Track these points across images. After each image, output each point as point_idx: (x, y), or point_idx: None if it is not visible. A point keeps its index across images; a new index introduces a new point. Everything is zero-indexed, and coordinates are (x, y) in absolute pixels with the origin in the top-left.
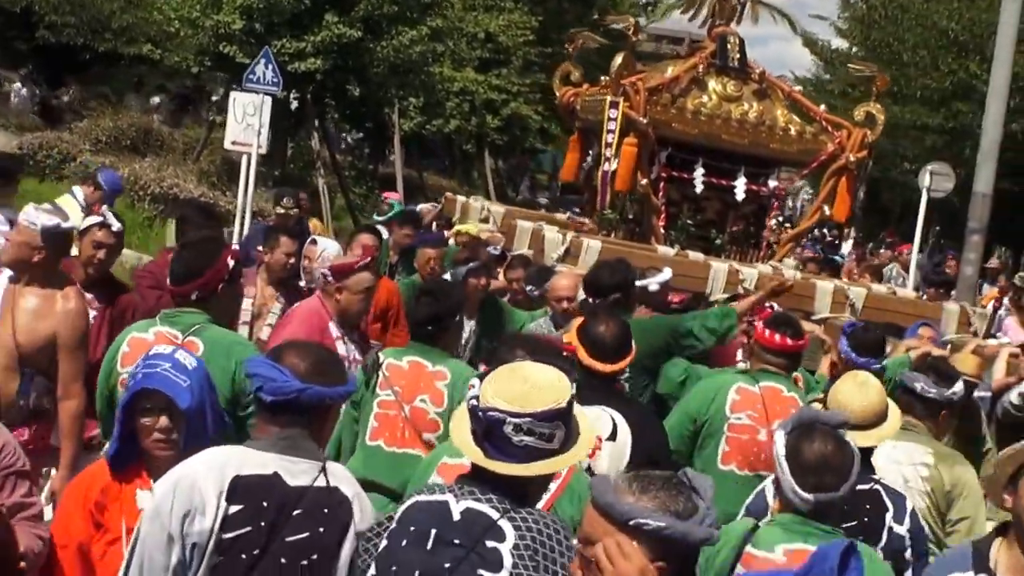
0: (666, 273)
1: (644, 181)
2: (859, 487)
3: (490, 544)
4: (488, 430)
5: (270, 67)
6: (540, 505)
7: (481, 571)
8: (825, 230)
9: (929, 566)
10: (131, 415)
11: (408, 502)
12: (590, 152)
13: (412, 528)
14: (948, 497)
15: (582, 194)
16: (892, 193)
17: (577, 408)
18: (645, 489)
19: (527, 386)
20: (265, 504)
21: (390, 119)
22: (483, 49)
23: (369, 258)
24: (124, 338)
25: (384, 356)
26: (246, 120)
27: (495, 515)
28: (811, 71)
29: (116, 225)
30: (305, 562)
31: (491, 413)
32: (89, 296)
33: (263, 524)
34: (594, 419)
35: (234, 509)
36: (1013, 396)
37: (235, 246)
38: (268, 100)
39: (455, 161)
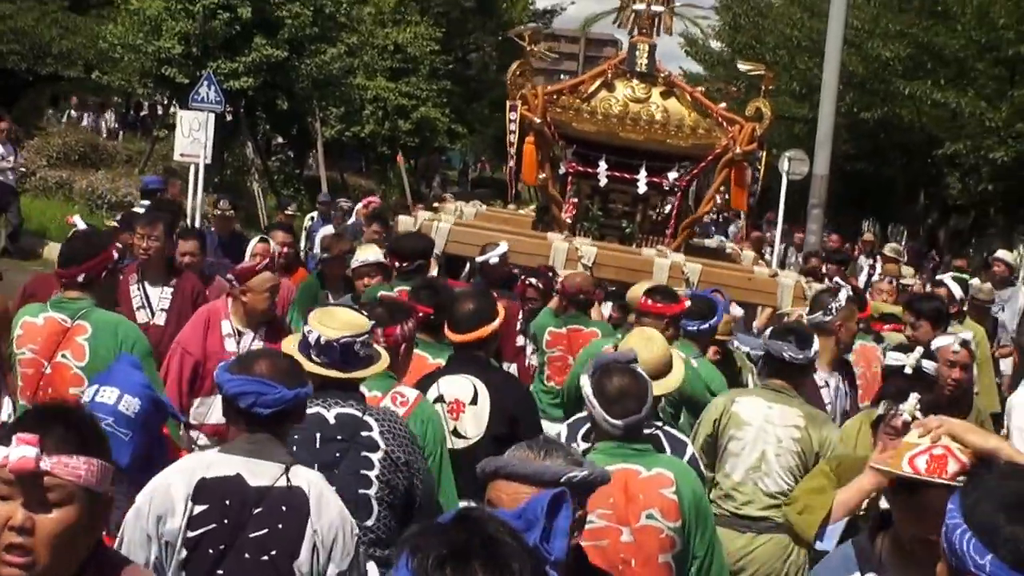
0: (502, 246)
1: (543, 175)
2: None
3: (364, 434)
4: (344, 352)
5: (212, 88)
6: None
7: (365, 453)
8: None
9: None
10: None
11: None
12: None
13: (297, 436)
14: (816, 457)
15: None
16: (770, 177)
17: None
18: (548, 453)
19: (350, 318)
20: (227, 503)
21: (313, 127)
22: (393, 59)
23: (267, 260)
24: (18, 321)
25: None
26: (192, 135)
27: (360, 413)
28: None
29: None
30: (266, 557)
31: (343, 340)
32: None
33: (226, 521)
34: (455, 385)
35: (199, 509)
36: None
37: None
38: (211, 117)
39: (369, 162)
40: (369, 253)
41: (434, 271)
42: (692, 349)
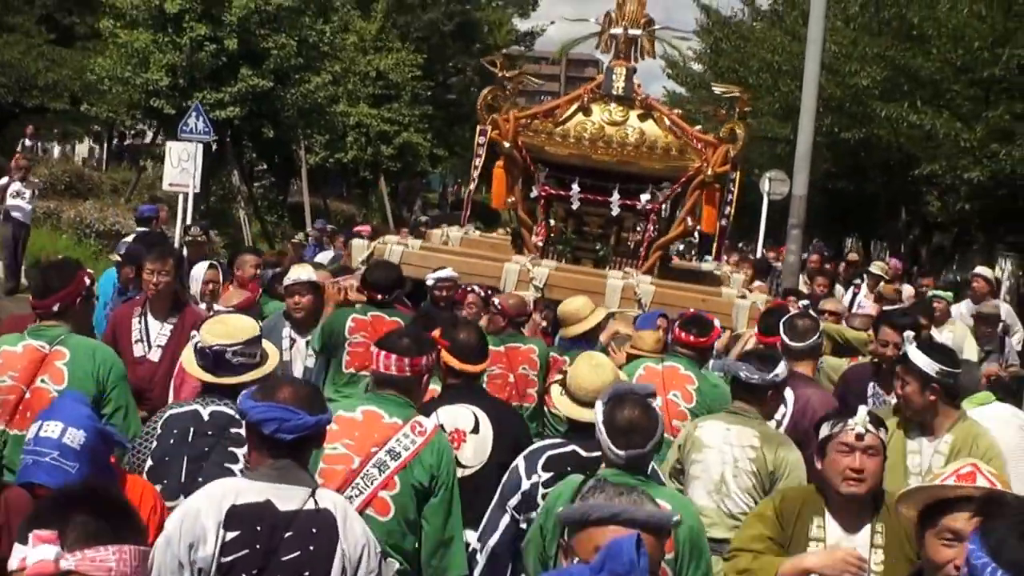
0: (446, 271)
1: (512, 199)
2: (599, 453)
3: (234, 430)
4: (216, 359)
5: (201, 119)
6: (408, 453)
7: (232, 449)
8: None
9: None
10: None
11: (167, 413)
12: (518, 177)
13: (175, 430)
14: (772, 477)
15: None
16: (754, 196)
17: (265, 341)
18: (629, 495)
19: (230, 327)
20: (259, 529)
21: (297, 154)
22: (375, 86)
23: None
24: None
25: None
26: (181, 164)
27: (232, 412)
28: (671, 91)
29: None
30: None
31: (215, 347)
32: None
33: (258, 547)
34: (457, 416)
35: (231, 535)
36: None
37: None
38: (200, 147)
39: (351, 187)
40: (302, 272)
41: None
42: (690, 364)
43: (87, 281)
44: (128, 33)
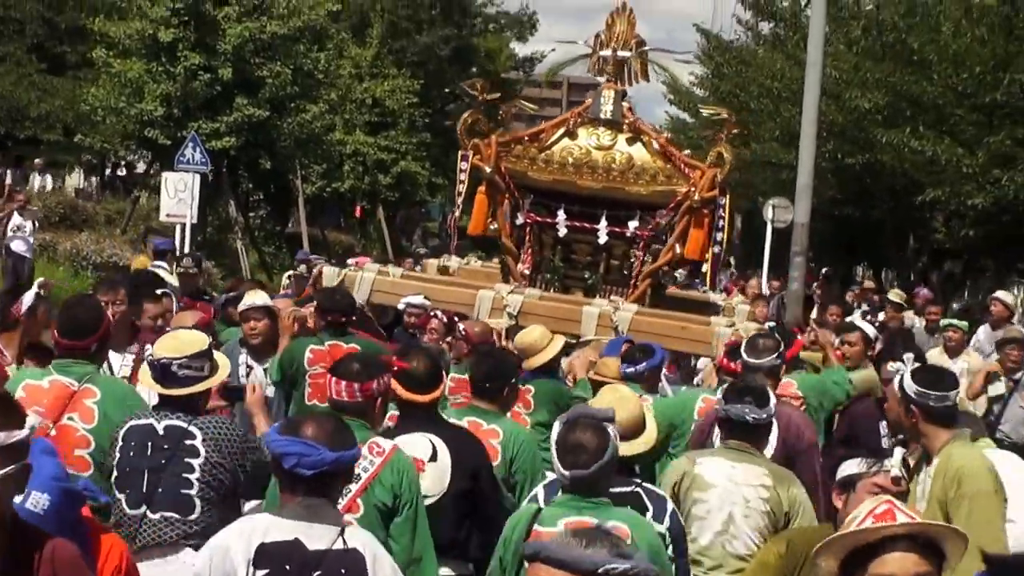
0: (416, 297)
1: (494, 226)
2: (622, 489)
3: (188, 442)
4: (163, 372)
5: (198, 150)
6: (367, 475)
7: (188, 460)
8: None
9: None
10: None
11: (127, 426)
12: (501, 204)
13: (134, 443)
14: (787, 516)
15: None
16: (759, 223)
17: (217, 354)
18: (591, 542)
19: (179, 341)
20: (287, 567)
21: (293, 184)
22: (371, 113)
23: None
24: (18, 384)
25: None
26: (178, 195)
27: (185, 424)
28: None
29: None
30: None
31: (162, 360)
32: None
33: None
34: (413, 444)
35: (260, 573)
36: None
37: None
38: (197, 177)
39: (347, 217)
40: (256, 297)
41: None
42: (639, 389)
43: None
44: (121, 63)
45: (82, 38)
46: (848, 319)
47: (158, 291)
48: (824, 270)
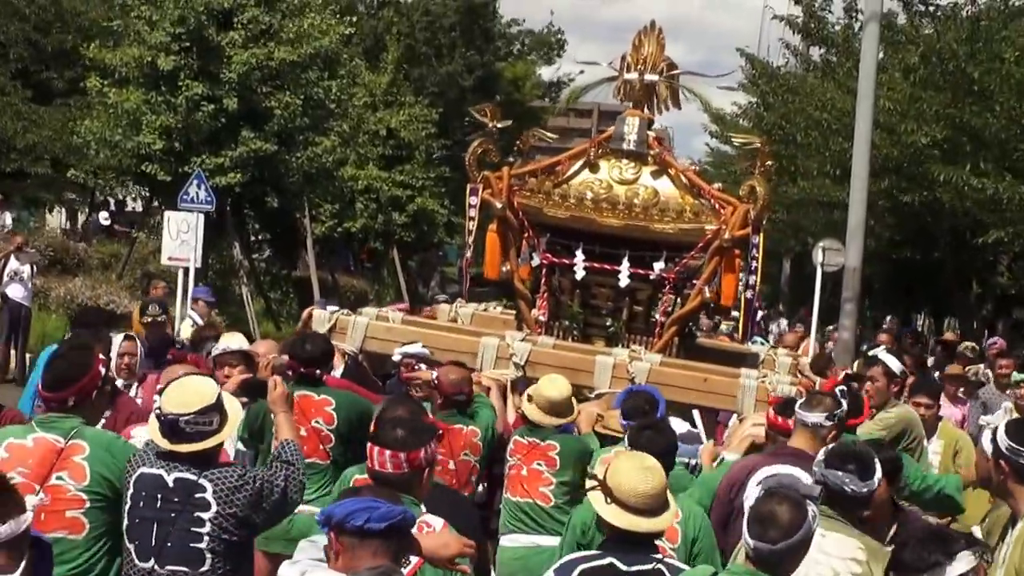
0: (414, 346)
1: (507, 268)
2: (641, 568)
3: (198, 495)
4: (171, 427)
5: (203, 187)
6: (415, 562)
7: (198, 514)
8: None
9: None
10: None
11: (138, 472)
12: (514, 243)
13: (144, 493)
14: None
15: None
16: (809, 268)
17: (226, 397)
18: None
19: (187, 394)
20: None
21: (301, 223)
22: (385, 146)
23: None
24: (2, 442)
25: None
26: (180, 236)
27: (195, 477)
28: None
29: None
30: None
31: (169, 416)
32: None
33: None
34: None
35: None
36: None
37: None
38: (201, 217)
39: (357, 259)
40: (232, 341)
41: (339, 370)
42: None
43: (102, 371)
44: (118, 92)
45: (70, 63)
46: (871, 353)
47: (122, 333)
48: (888, 319)
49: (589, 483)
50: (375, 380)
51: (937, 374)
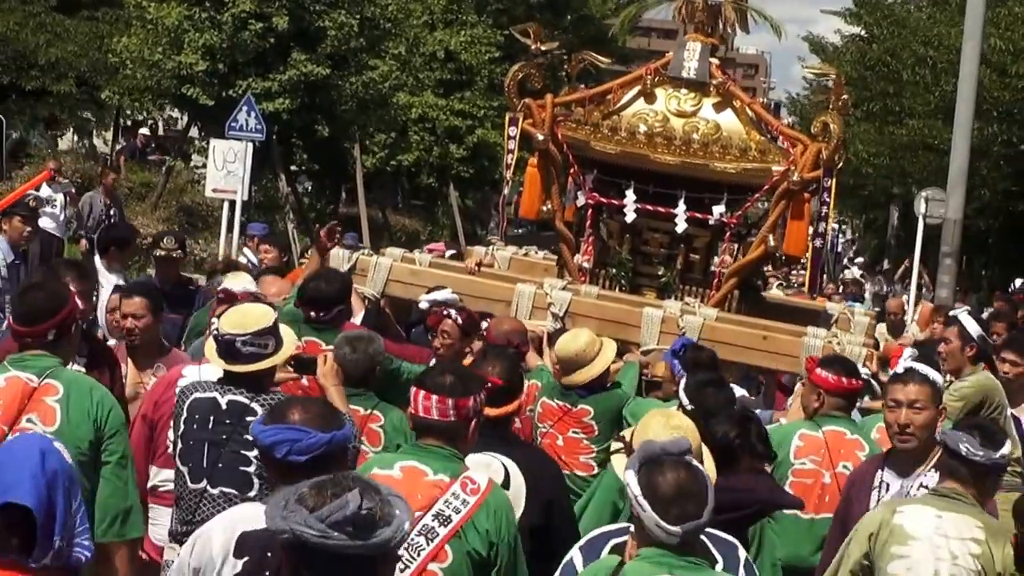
0: (443, 292)
1: (546, 207)
2: None
3: (249, 418)
4: (227, 348)
5: (252, 114)
6: (459, 517)
7: (246, 436)
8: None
9: None
10: None
11: (191, 397)
12: (557, 180)
13: (197, 416)
14: None
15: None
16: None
17: (282, 327)
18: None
19: (244, 317)
20: (269, 555)
21: (351, 155)
22: (444, 69)
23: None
24: None
25: None
26: (227, 167)
27: (248, 400)
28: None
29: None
30: None
31: (226, 336)
32: None
33: (268, 574)
34: (482, 466)
35: (240, 563)
36: None
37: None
38: (250, 146)
39: (407, 197)
40: (236, 282)
41: (359, 316)
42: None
43: (79, 303)
44: (157, 7)
45: None
46: (951, 312)
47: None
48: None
49: (615, 445)
50: (398, 329)
51: None
